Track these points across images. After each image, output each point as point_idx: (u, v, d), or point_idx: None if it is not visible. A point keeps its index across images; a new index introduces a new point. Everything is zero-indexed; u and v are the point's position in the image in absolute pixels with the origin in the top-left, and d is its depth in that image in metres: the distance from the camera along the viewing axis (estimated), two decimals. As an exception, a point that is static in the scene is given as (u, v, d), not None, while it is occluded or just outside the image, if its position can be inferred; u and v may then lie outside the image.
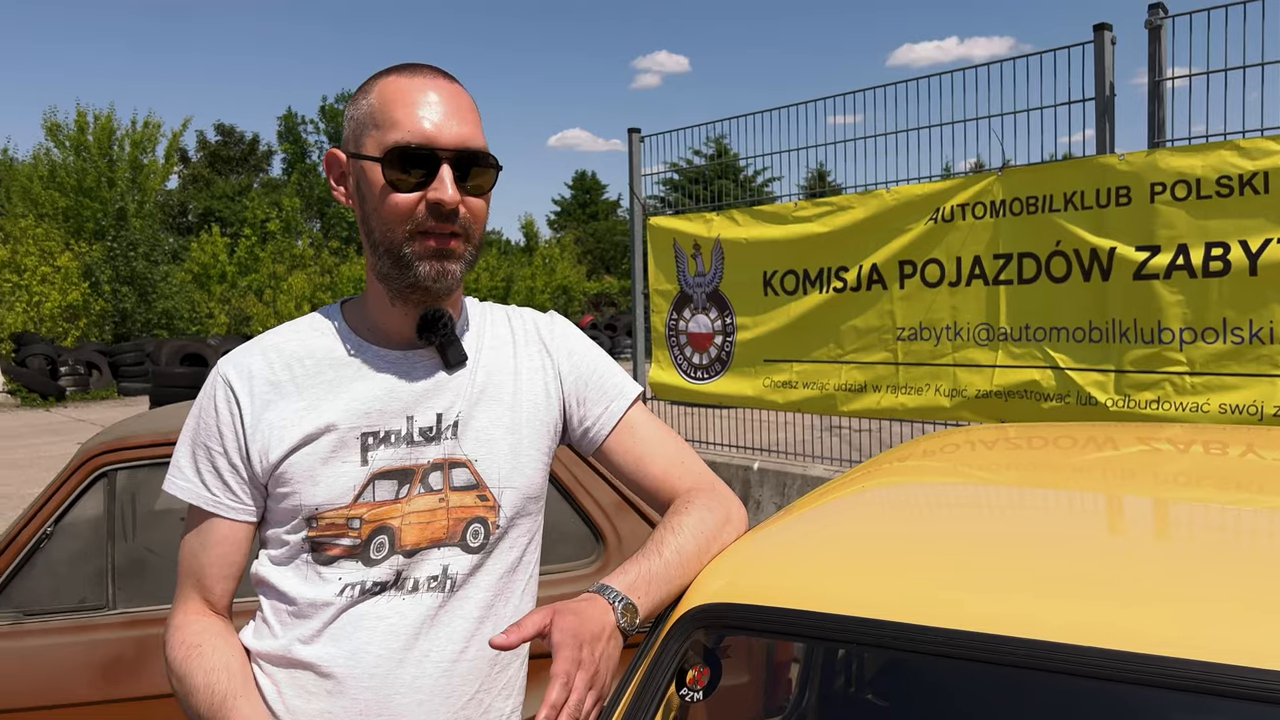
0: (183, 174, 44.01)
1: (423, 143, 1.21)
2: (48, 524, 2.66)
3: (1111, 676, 0.94)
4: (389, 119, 1.22)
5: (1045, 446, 1.94)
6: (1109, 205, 4.09)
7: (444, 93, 1.24)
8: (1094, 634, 0.96)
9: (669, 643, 1.23)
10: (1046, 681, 0.98)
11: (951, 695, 1.64)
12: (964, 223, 4.64)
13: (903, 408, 4.97)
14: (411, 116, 1.21)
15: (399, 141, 1.21)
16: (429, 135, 1.21)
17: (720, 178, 7.92)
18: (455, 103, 1.24)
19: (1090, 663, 0.95)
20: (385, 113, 1.23)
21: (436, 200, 1.21)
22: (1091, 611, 1.01)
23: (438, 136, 1.21)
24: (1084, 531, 1.34)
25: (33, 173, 26.63)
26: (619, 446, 1.41)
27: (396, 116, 1.22)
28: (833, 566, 1.28)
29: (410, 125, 1.21)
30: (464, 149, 1.23)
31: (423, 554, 1.27)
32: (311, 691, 1.24)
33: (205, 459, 1.29)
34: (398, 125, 1.21)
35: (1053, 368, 4.36)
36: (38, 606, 2.64)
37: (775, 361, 5.61)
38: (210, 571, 1.30)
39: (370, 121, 1.24)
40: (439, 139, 1.21)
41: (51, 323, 21.04)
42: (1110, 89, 4.24)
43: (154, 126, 27.45)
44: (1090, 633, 0.97)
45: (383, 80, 1.26)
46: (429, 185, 1.21)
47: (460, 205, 1.23)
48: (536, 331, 1.44)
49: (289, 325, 1.37)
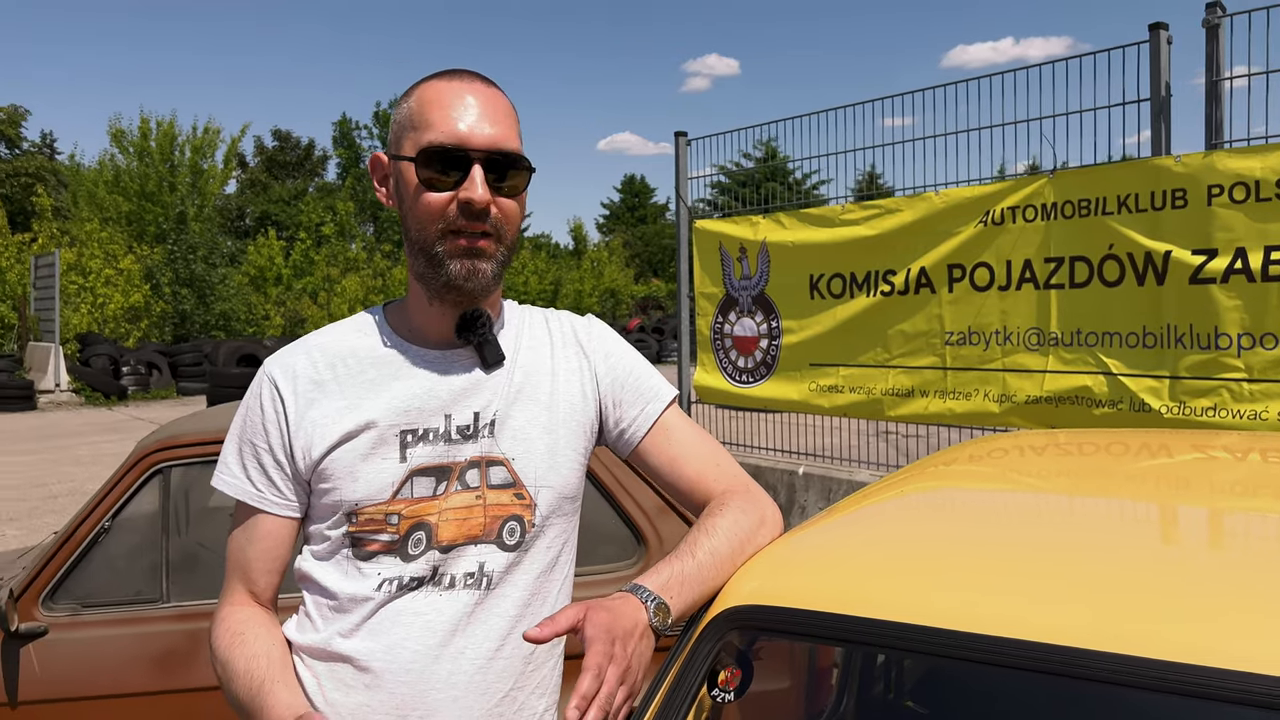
0: (241, 179, 44.97)
1: (455, 143, 1.24)
2: (105, 519, 2.74)
3: (1157, 687, 0.92)
4: (425, 120, 1.25)
5: (1097, 453, 1.90)
6: (1164, 208, 4.01)
7: (480, 96, 1.27)
8: (1142, 645, 0.95)
9: (701, 643, 1.23)
10: (1073, 688, 0.97)
11: (989, 703, 1.62)
12: (1014, 226, 4.57)
13: (951, 413, 4.91)
14: (446, 118, 1.24)
15: (433, 141, 1.24)
16: (462, 136, 1.24)
17: (769, 180, 7.89)
18: (490, 106, 1.27)
19: (1134, 673, 0.93)
20: (422, 114, 1.26)
21: (467, 199, 1.24)
22: (1139, 622, 0.99)
23: (470, 137, 1.24)
24: (1134, 540, 1.31)
25: (98, 178, 27.41)
26: (654, 448, 1.42)
27: (432, 118, 1.25)
28: (869, 570, 1.28)
29: (444, 126, 1.24)
30: (496, 150, 1.25)
31: (459, 550, 1.29)
32: (350, 684, 1.27)
33: (251, 456, 1.32)
34: (433, 126, 1.24)
35: (1105, 373, 4.28)
36: (95, 599, 2.72)
37: (821, 365, 5.57)
38: (256, 565, 1.33)
39: (409, 123, 1.27)
40: (471, 140, 1.24)
41: (114, 324, 21.62)
42: (1166, 89, 4.15)
43: (213, 132, 28.12)
44: (1138, 643, 0.95)
45: (423, 85, 1.30)
46: (461, 185, 1.24)
47: (491, 205, 1.25)
48: (574, 334, 1.45)
49: (333, 326, 1.40)
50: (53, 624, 2.65)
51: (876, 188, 6.19)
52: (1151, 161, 4.09)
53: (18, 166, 40.72)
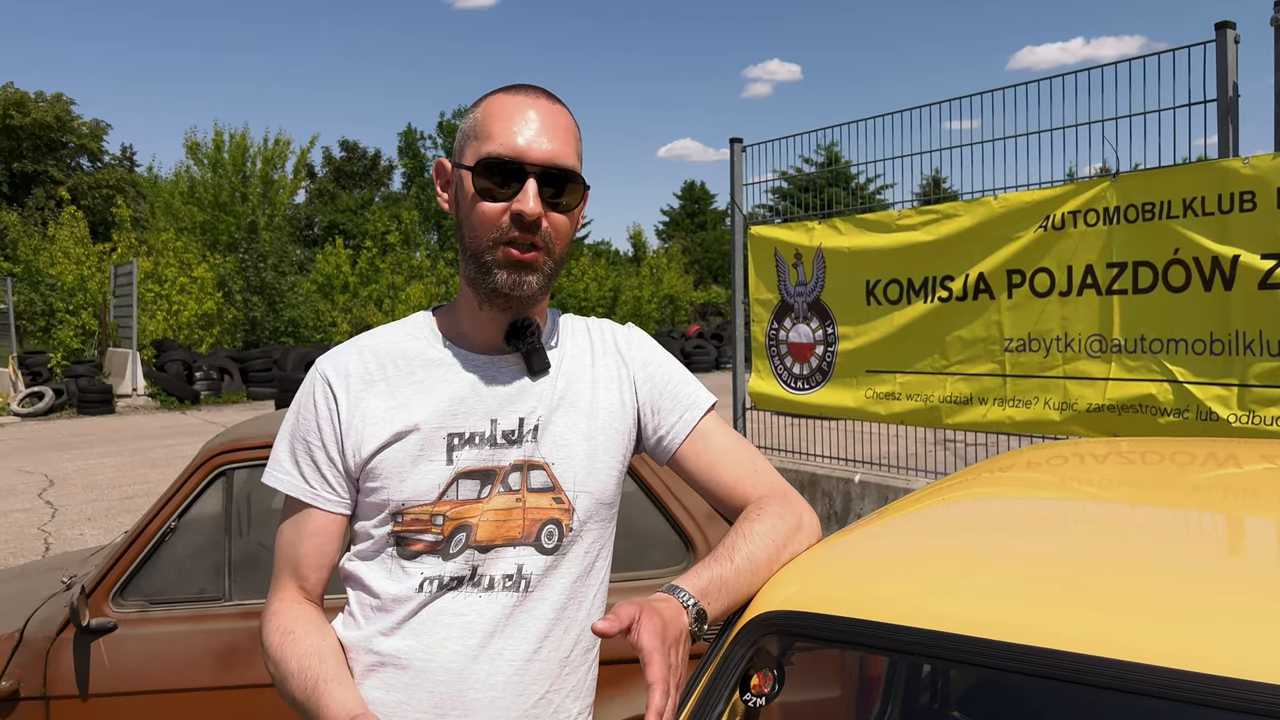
0: (309, 189, 46.00)
1: (513, 155, 1.27)
2: (171, 519, 2.84)
3: (1213, 703, 0.90)
4: (487, 132, 1.29)
5: (1161, 462, 1.83)
6: (1232, 211, 3.90)
7: (542, 111, 1.31)
8: (1197, 660, 0.92)
9: (735, 648, 1.24)
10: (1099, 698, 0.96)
11: (1035, 717, 1.60)
12: (1075, 230, 4.48)
13: (1010, 421, 4.82)
14: (506, 131, 1.28)
15: (491, 153, 1.28)
16: (519, 149, 1.27)
17: (831, 186, 7.83)
18: (551, 121, 1.30)
19: (1186, 688, 0.91)
20: (485, 126, 1.30)
21: (519, 211, 1.27)
22: (1196, 638, 0.96)
23: (527, 151, 1.27)
24: (1197, 555, 1.26)
25: (174, 189, 28.26)
26: (692, 455, 1.43)
27: (493, 130, 1.29)
28: (907, 577, 1.26)
29: (503, 139, 1.28)
30: (552, 165, 1.28)
31: (497, 551, 1.32)
32: (390, 683, 1.30)
33: (304, 452, 1.36)
34: (493, 138, 1.28)
35: (1170, 381, 4.17)
36: (162, 596, 2.82)
37: (878, 372, 5.52)
38: (306, 560, 1.37)
39: (472, 133, 1.32)
40: (528, 154, 1.27)
41: (188, 330, 22.26)
42: (1234, 89, 4.03)
43: (283, 144, 28.82)
44: (1193, 659, 0.92)
45: (491, 97, 1.34)
46: (516, 197, 1.27)
47: (543, 219, 1.28)
48: (614, 342, 1.47)
49: (385, 327, 1.44)
50: (122, 620, 2.75)
51: (941, 192, 6.11)
52: (1219, 163, 3.98)
53: (99, 179, 42.23)
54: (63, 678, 2.71)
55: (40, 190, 39.84)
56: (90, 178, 42.56)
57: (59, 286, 20.89)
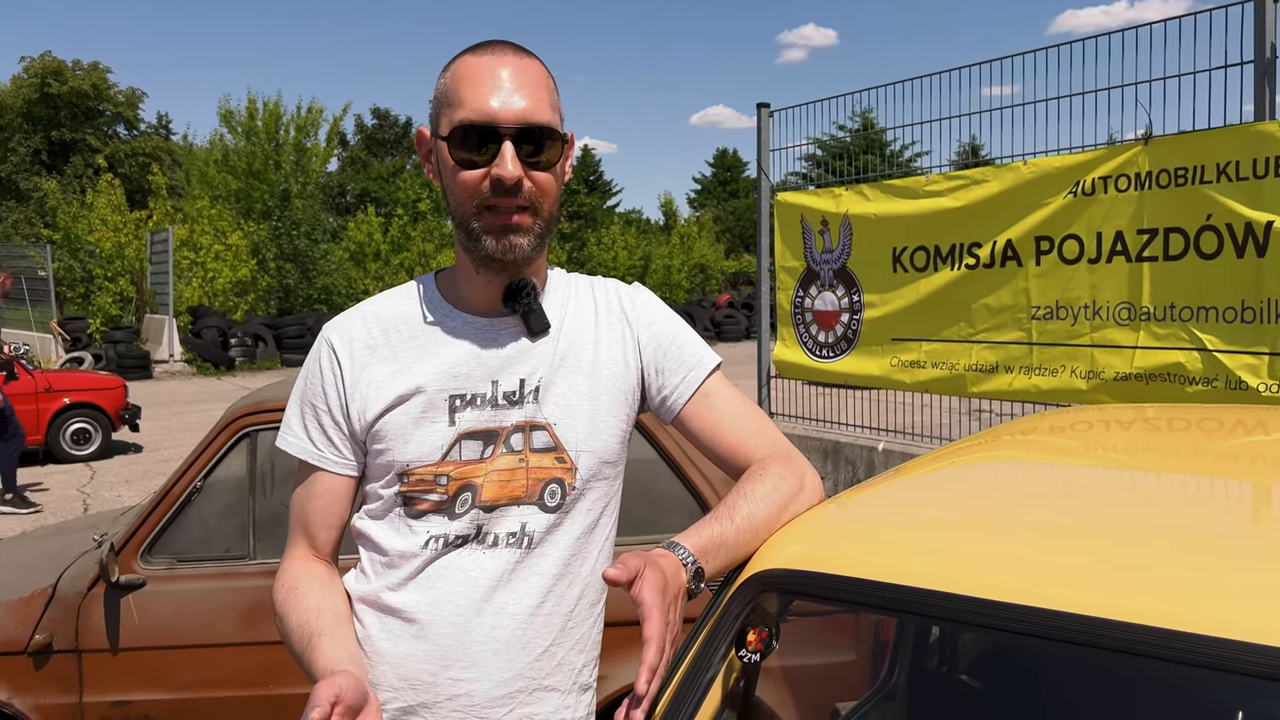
0: (342, 156, 46.21)
1: (485, 120, 1.24)
2: (197, 479, 2.90)
3: (1217, 665, 0.90)
4: (457, 97, 1.27)
5: (1187, 429, 1.80)
6: (1267, 176, 3.81)
7: (511, 69, 1.27)
8: (1206, 623, 0.91)
9: (733, 604, 1.25)
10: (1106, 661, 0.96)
11: (1043, 677, 1.60)
12: (1106, 196, 4.41)
13: (1036, 389, 4.78)
14: (476, 94, 1.25)
15: (463, 119, 1.25)
16: (491, 112, 1.24)
17: (865, 152, 7.70)
18: (521, 78, 1.27)
19: (1193, 651, 0.90)
20: (455, 91, 1.28)
21: (498, 176, 1.25)
22: (1207, 600, 0.95)
23: (500, 113, 1.25)
24: (1214, 521, 1.24)
25: (208, 157, 28.46)
26: (696, 415, 1.44)
27: (463, 95, 1.26)
28: (909, 538, 1.27)
29: (474, 103, 1.25)
30: (526, 124, 1.26)
31: (501, 510, 1.33)
32: (397, 635, 1.33)
33: (312, 416, 1.39)
34: (464, 103, 1.26)
35: (1200, 349, 4.11)
36: (189, 554, 2.89)
37: (903, 340, 5.48)
38: (315, 520, 1.40)
39: (444, 100, 1.30)
40: (500, 115, 1.25)
41: (223, 297, 22.52)
42: (1272, 50, 3.93)
43: (316, 112, 28.87)
44: (1204, 623, 0.91)
45: (458, 60, 1.31)
46: (494, 162, 1.26)
47: (525, 180, 1.27)
48: (619, 301, 1.47)
49: (388, 292, 1.46)
50: (150, 577, 2.83)
51: (978, 158, 6.01)
52: (1254, 127, 3.89)
53: (135, 147, 42.71)
54: (94, 632, 2.79)
55: (78, 158, 40.39)
56: (127, 146, 43.05)
57: (97, 253, 21.20)
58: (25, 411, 8.64)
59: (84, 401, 9.69)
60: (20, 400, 8.63)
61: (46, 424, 9.42)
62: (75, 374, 11.19)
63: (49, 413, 9.43)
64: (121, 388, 10.12)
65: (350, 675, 1.15)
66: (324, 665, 1.23)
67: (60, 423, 9.56)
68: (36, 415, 9.22)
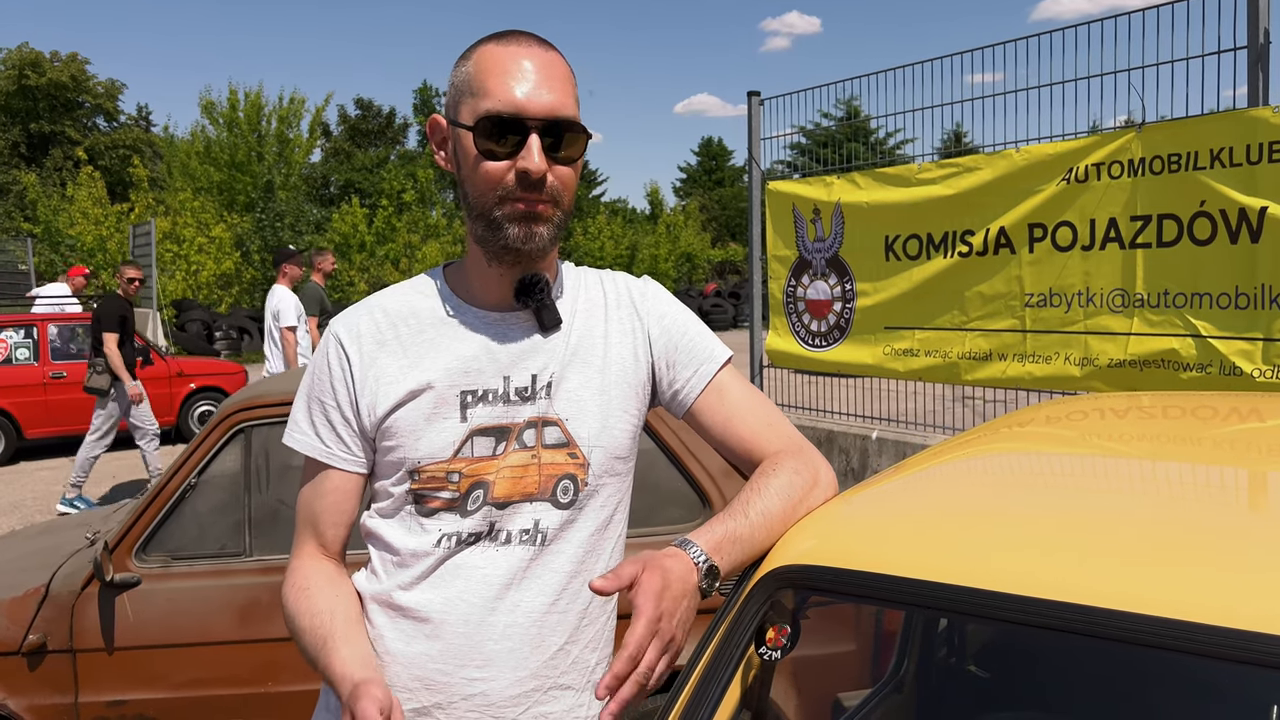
0: (325, 147, 45.85)
1: (513, 112, 1.23)
2: (192, 476, 2.86)
3: (1222, 655, 0.89)
4: (482, 87, 1.25)
5: (1183, 416, 1.80)
6: (1260, 162, 3.82)
7: (537, 61, 1.26)
8: (1210, 613, 0.91)
9: (750, 602, 1.23)
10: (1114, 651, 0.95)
11: (1049, 669, 1.59)
12: (1099, 183, 4.41)
13: (1030, 377, 4.79)
14: (503, 85, 1.24)
15: (490, 110, 1.24)
16: (519, 104, 1.23)
17: (851, 140, 7.68)
18: (548, 71, 1.26)
19: (1196, 639, 0.90)
20: (479, 81, 1.26)
21: (524, 169, 1.24)
22: (1208, 591, 0.95)
23: (527, 105, 1.23)
24: (1214, 509, 1.24)
25: (190, 149, 28.24)
26: (707, 409, 1.42)
27: (489, 85, 1.24)
28: (925, 532, 1.26)
29: (501, 94, 1.24)
30: (553, 118, 1.24)
31: (514, 507, 1.31)
32: (410, 635, 1.31)
33: (320, 413, 1.36)
34: (490, 94, 1.24)
35: (1194, 336, 4.12)
36: (183, 551, 2.85)
37: (896, 329, 5.48)
38: (324, 518, 1.38)
39: (467, 89, 1.28)
40: (528, 108, 1.23)
41: (208, 290, 22.39)
42: (1265, 36, 3.93)
43: (299, 102, 28.70)
44: (1207, 612, 0.92)
45: (481, 48, 1.29)
46: (519, 154, 1.24)
47: (549, 173, 1.26)
48: (629, 295, 1.45)
49: (396, 286, 1.43)
50: (145, 575, 2.79)
51: (962, 146, 6.01)
52: (1248, 113, 3.89)
53: (116, 139, 42.28)
54: (88, 631, 2.75)
55: (58, 151, 39.98)
56: (107, 138, 42.62)
57: (78, 247, 21.02)
58: (158, 395, 9.39)
59: (210, 385, 10.50)
60: (154, 384, 9.18)
61: (179, 406, 10.20)
62: (201, 360, 12.22)
63: (180, 396, 10.24)
64: (242, 373, 10.93)
65: (381, 685, 1.15)
66: (340, 669, 1.21)
67: (188, 405, 10.32)
68: (170, 398, 10.05)
